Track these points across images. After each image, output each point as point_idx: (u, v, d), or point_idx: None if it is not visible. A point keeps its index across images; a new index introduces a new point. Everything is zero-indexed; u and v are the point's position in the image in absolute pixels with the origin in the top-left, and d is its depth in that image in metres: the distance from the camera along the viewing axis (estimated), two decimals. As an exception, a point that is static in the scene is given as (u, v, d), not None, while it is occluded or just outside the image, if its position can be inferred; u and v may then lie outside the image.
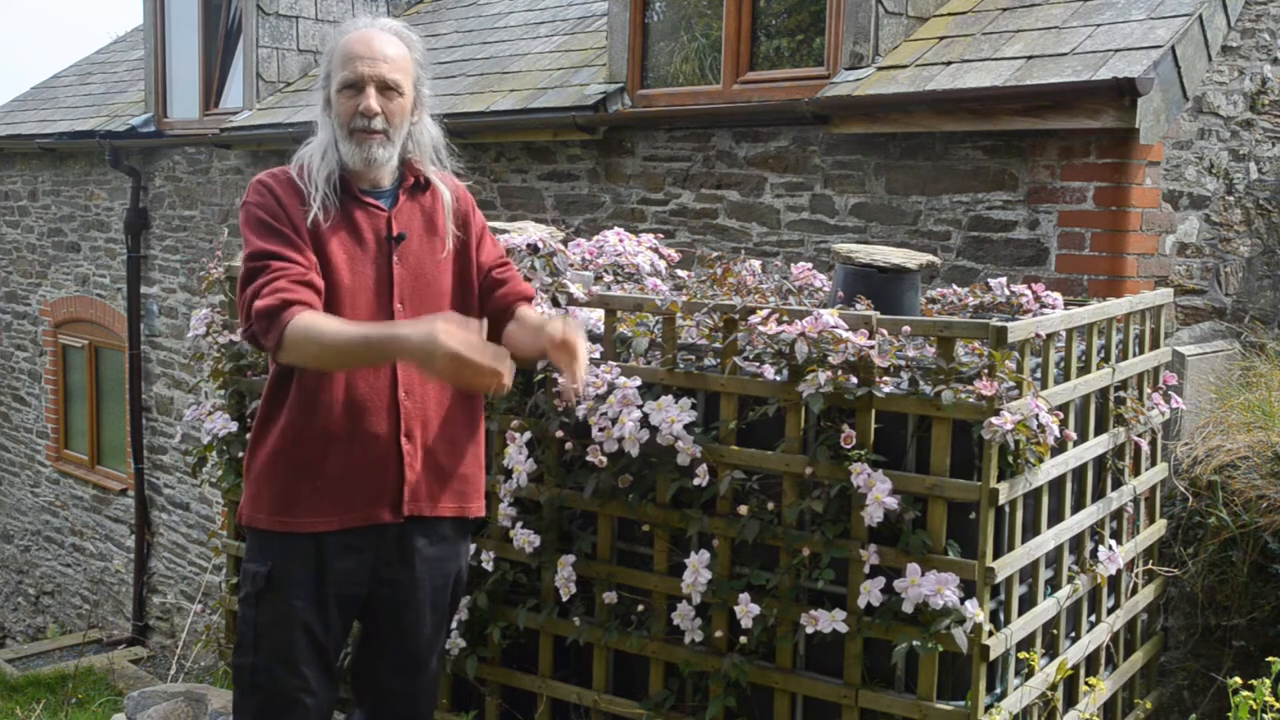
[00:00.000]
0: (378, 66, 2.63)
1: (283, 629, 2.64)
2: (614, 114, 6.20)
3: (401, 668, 2.78)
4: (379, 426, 2.64)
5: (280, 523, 2.65)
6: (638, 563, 3.36)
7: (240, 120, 8.63)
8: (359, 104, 2.62)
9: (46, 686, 8.39)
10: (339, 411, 2.62)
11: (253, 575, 2.68)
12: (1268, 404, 4.67)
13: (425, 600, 2.75)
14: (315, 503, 2.64)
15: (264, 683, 2.66)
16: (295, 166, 2.69)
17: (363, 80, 2.62)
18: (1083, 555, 3.44)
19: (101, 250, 10.34)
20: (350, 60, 2.63)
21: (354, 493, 2.64)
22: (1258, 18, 5.17)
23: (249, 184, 2.70)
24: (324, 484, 2.63)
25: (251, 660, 2.67)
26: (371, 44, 2.64)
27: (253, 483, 2.71)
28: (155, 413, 9.83)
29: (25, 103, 11.79)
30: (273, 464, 2.66)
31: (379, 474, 2.65)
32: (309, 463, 2.63)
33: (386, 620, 2.75)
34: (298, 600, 2.63)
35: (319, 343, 2.46)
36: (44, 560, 11.26)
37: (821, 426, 3.01)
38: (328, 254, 2.62)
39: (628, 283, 3.76)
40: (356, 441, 2.63)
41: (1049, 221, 4.79)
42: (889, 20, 5.37)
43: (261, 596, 2.65)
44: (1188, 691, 4.36)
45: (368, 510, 2.65)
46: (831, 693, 3.01)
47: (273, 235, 2.58)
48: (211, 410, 4.01)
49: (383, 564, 2.70)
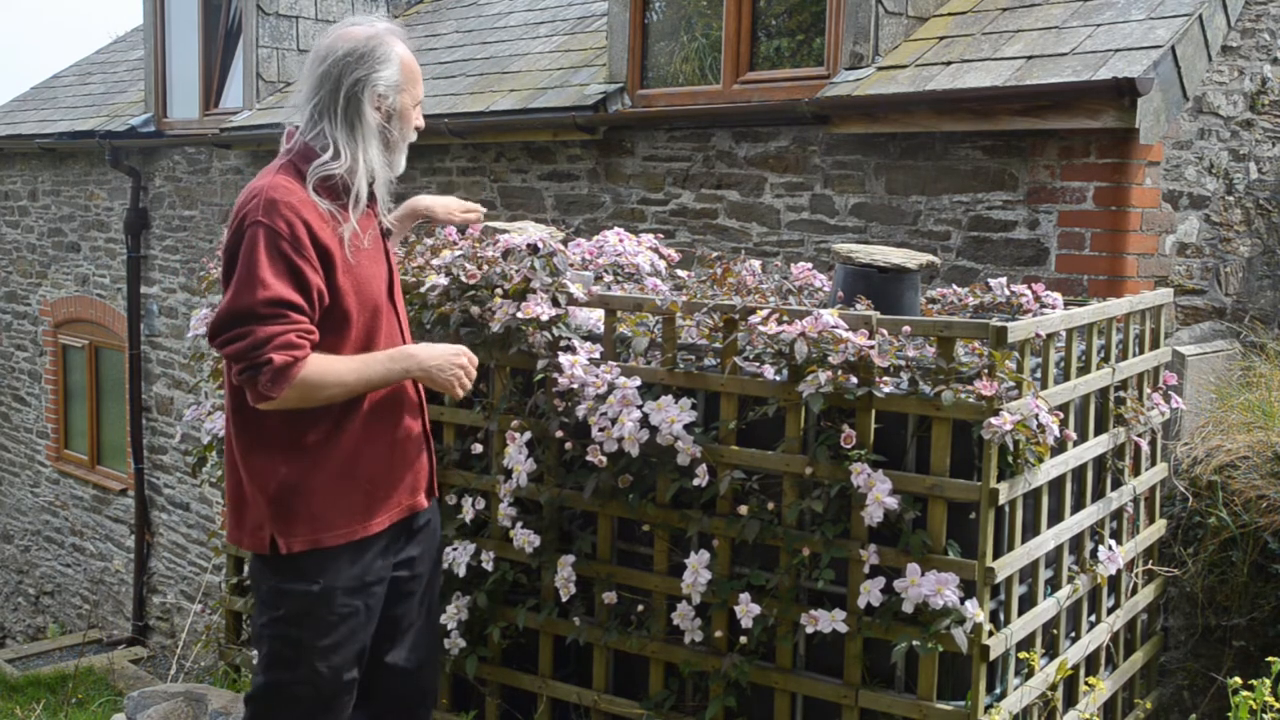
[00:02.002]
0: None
1: (334, 646, 2.66)
2: (614, 114, 6.20)
3: (412, 647, 2.88)
4: (413, 422, 2.80)
5: (333, 536, 2.64)
6: (638, 563, 3.36)
7: (240, 120, 8.64)
8: (416, 121, 2.77)
9: (46, 686, 8.39)
10: (375, 413, 2.70)
11: (293, 595, 2.63)
12: (1268, 404, 4.67)
13: (425, 577, 2.89)
14: (367, 507, 2.69)
15: (306, 695, 2.68)
16: (315, 179, 2.58)
17: (420, 100, 2.80)
18: (1083, 555, 3.44)
19: (101, 250, 10.34)
20: (417, 80, 2.75)
21: (402, 487, 2.77)
22: (1258, 18, 5.17)
23: (259, 199, 2.53)
24: (374, 487, 2.70)
25: (291, 675, 2.67)
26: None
27: (292, 505, 2.63)
28: (155, 413, 9.83)
29: (25, 103, 11.80)
30: (305, 480, 2.63)
31: (416, 462, 2.82)
32: (364, 470, 2.69)
33: (403, 601, 2.83)
34: (344, 609, 2.66)
35: (340, 386, 2.57)
36: (44, 560, 11.26)
37: (821, 426, 3.01)
38: (360, 269, 2.65)
39: (628, 283, 3.76)
40: (396, 436, 2.76)
41: (1049, 221, 4.79)
42: (889, 20, 5.37)
43: (308, 618, 2.64)
44: (1188, 691, 4.36)
45: (414, 495, 2.81)
46: (831, 693, 3.01)
47: (293, 280, 2.49)
48: (211, 410, 4.01)
49: (406, 548, 2.82)
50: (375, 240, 2.73)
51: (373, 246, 2.71)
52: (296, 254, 2.50)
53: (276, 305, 2.47)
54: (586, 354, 3.26)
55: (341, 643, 2.66)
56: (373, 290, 2.68)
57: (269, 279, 2.47)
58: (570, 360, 3.21)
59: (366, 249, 2.68)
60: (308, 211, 2.54)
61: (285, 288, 2.48)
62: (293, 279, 2.49)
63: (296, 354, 2.47)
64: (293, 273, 2.49)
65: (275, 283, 2.47)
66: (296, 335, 2.48)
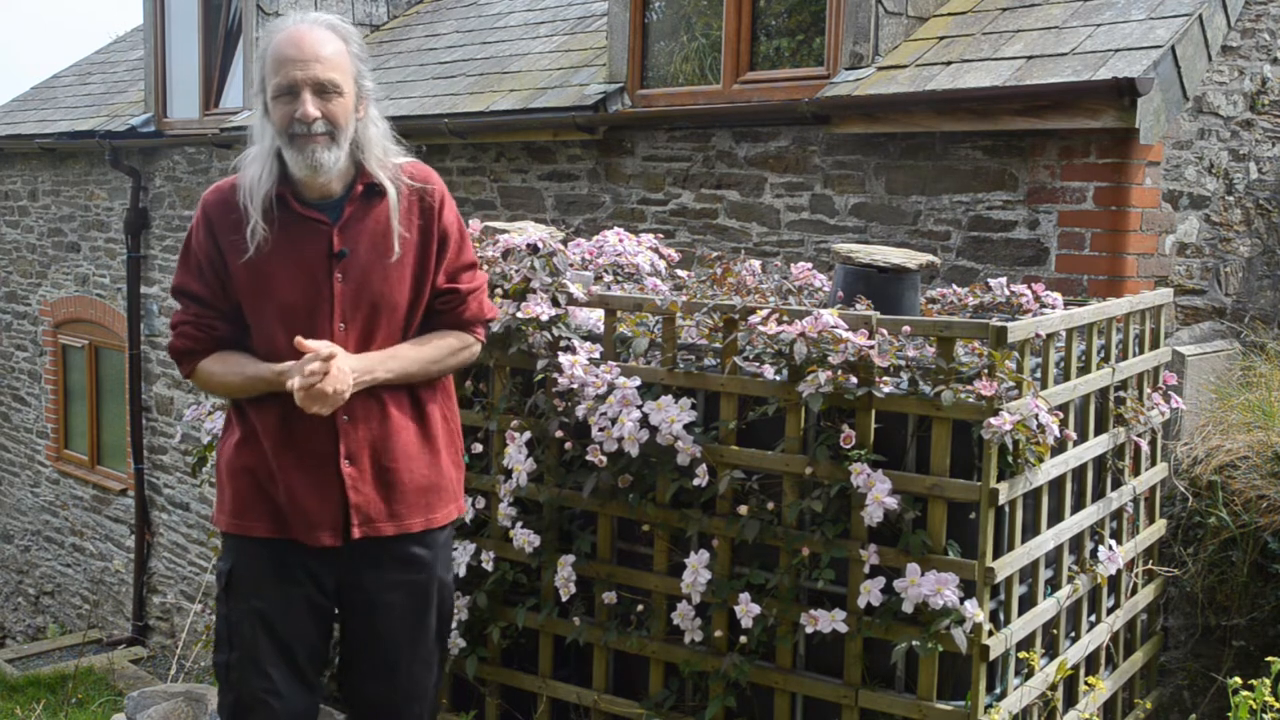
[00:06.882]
0: (311, 68, 2.49)
1: (247, 627, 2.65)
2: (614, 114, 6.20)
3: (377, 675, 2.74)
4: (319, 450, 2.60)
5: (235, 525, 2.67)
6: (638, 563, 3.36)
7: (240, 120, 8.63)
8: (295, 110, 2.49)
9: (46, 686, 8.39)
10: (280, 434, 2.61)
11: (220, 573, 2.73)
12: (1268, 404, 4.67)
13: (397, 607, 2.69)
14: (265, 511, 2.64)
15: (235, 681, 2.66)
16: (240, 177, 2.62)
17: (297, 85, 2.49)
18: (1083, 555, 3.44)
19: (101, 250, 10.34)
20: (282, 64, 2.50)
21: (299, 511, 2.61)
22: (1258, 18, 5.16)
23: (202, 195, 2.72)
24: (271, 497, 2.64)
25: (225, 658, 2.68)
26: (302, 44, 2.50)
27: (218, 483, 2.76)
28: (155, 413, 9.83)
29: (25, 103, 11.79)
30: (229, 468, 2.69)
31: (319, 498, 2.61)
32: (259, 475, 2.64)
33: (359, 628, 2.72)
34: (257, 601, 2.64)
35: (222, 387, 2.69)
36: (44, 560, 11.26)
37: (821, 426, 3.01)
38: (266, 276, 2.57)
39: (628, 283, 3.76)
40: (297, 464, 2.61)
41: (1049, 221, 4.79)
42: (889, 20, 5.37)
43: (229, 594, 2.68)
44: (1188, 691, 4.36)
45: (309, 532, 2.62)
46: (831, 693, 3.01)
47: (195, 273, 2.66)
48: (211, 410, 4.01)
49: (348, 578, 2.67)
50: (317, 260, 2.58)
51: (315, 266, 2.57)
52: (199, 248, 2.65)
53: (179, 293, 2.69)
54: (586, 354, 3.26)
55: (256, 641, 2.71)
56: (289, 304, 2.56)
57: (180, 266, 2.70)
58: (570, 360, 3.21)
59: (295, 266, 2.57)
60: (219, 212, 2.65)
61: (186, 277, 2.69)
62: (195, 271, 2.67)
63: (192, 345, 2.67)
64: (195, 266, 2.67)
65: (181, 270, 2.69)
66: (194, 329, 2.67)
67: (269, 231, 2.55)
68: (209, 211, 2.64)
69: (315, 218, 2.59)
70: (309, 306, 2.58)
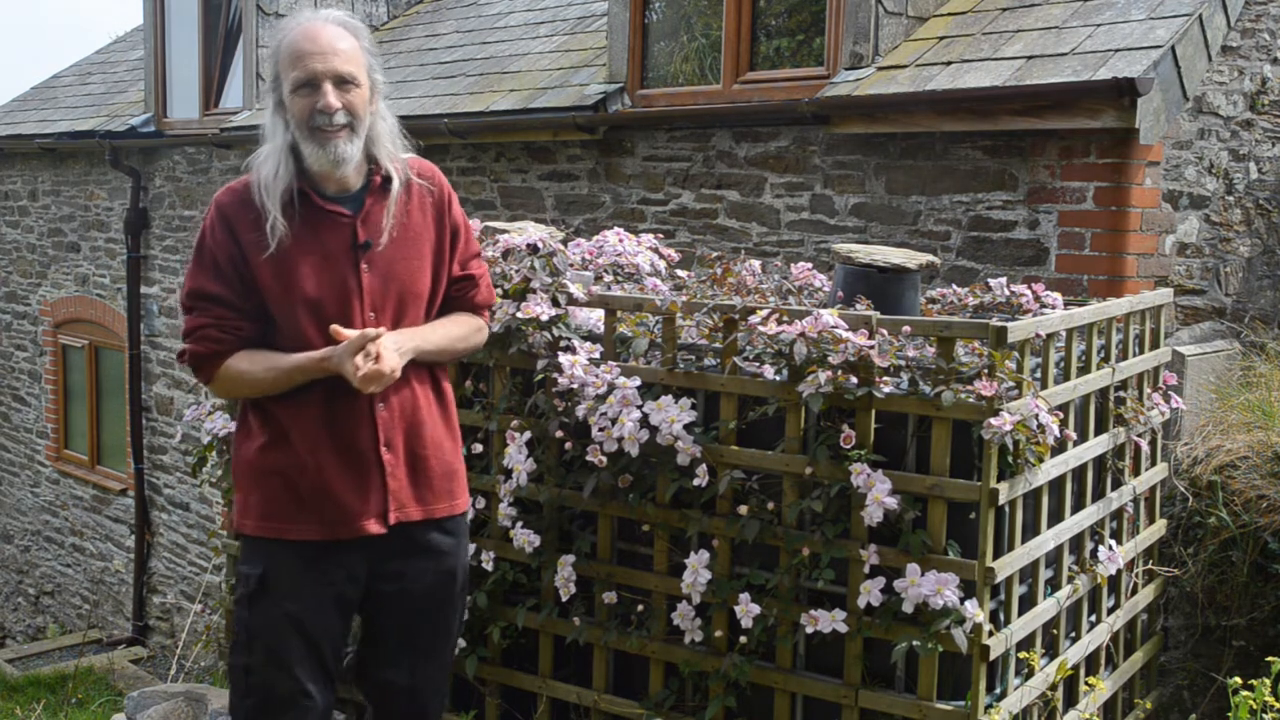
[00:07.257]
0: (330, 61, 2.55)
1: (276, 632, 2.64)
2: (614, 114, 6.20)
3: (402, 663, 2.79)
4: (361, 440, 2.64)
5: (268, 529, 2.66)
6: (638, 563, 3.36)
7: (240, 120, 8.63)
8: (316, 102, 2.54)
9: (46, 686, 8.39)
10: (320, 429, 2.62)
11: (245, 578, 2.69)
12: (1268, 404, 4.67)
13: (424, 595, 2.75)
14: (300, 513, 2.64)
15: (258, 684, 2.66)
16: (253, 175, 2.62)
17: (317, 77, 2.54)
18: (1083, 555, 3.44)
19: (101, 250, 10.34)
20: (300, 58, 2.55)
21: (339, 507, 2.63)
22: (1258, 18, 5.16)
23: (213, 197, 2.68)
24: (307, 497, 2.63)
25: (245, 661, 2.67)
26: (319, 38, 2.56)
27: (239, 487, 2.72)
28: (155, 413, 9.83)
29: (25, 103, 11.79)
30: (255, 471, 2.68)
31: (362, 487, 2.64)
32: (290, 475, 2.63)
33: (387, 618, 2.76)
34: (290, 604, 2.64)
35: (252, 386, 2.64)
36: (44, 560, 11.26)
37: (821, 426, 3.01)
38: (291, 271, 2.59)
39: (628, 283, 3.76)
40: (337, 458, 2.63)
41: (1049, 221, 4.79)
42: (889, 20, 5.37)
43: (254, 599, 2.66)
44: (1188, 691, 4.36)
45: (353, 524, 2.64)
46: (831, 693, 3.01)
47: (213, 275, 2.62)
48: (211, 410, 4.01)
49: (378, 567, 2.70)
50: (342, 252, 2.62)
51: (340, 258, 2.62)
52: (216, 247, 2.62)
53: (196, 297, 2.64)
54: (586, 354, 3.26)
55: (286, 644, 2.72)
56: (315, 299, 2.60)
57: (195, 270, 2.65)
58: (570, 360, 3.21)
59: (320, 259, 2.61)
60: (236, 212, 2.62)
61: (204, 279, 2.63)
62: (213, 272, 2.62)
63: (215, 347, 2.63)
64: (213, 266, 2.62)
65: (197, 272, 2.65)
66: (218, 331, 2.62)
67: (289, 227, 2.58)
68: (225, 211, 2.63)
69: (337, 211, 2.64)
70: (338, 298, 2.62)
